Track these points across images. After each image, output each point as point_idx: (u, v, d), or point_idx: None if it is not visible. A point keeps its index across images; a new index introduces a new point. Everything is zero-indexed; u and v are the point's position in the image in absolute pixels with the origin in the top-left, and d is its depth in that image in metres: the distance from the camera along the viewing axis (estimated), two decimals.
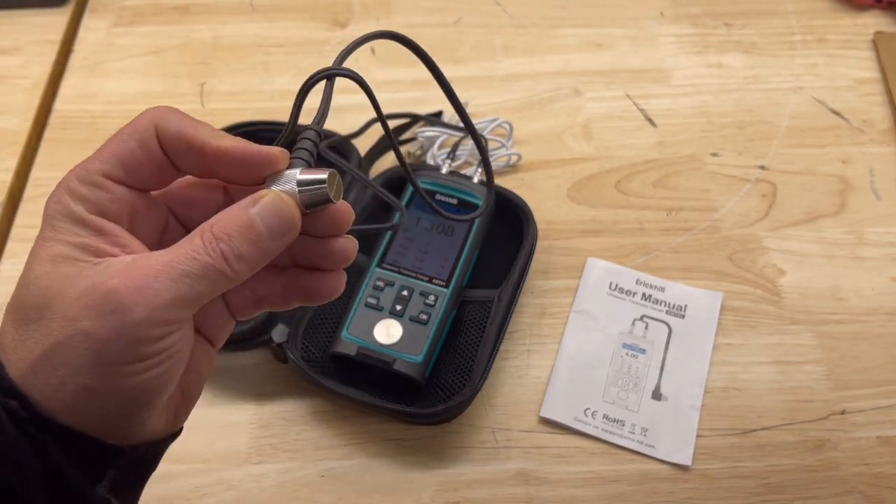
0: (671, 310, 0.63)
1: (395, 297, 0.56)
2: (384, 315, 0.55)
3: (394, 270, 0.57)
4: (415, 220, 0.60)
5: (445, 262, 0.57)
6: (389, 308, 0.55)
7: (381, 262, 0.57)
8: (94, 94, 0.78)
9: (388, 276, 0.57)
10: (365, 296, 0.56)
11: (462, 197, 0.61)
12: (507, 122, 0.73)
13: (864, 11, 0.84)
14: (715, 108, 0.77)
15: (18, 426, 0.28)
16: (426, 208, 0.57)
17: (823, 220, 0.69)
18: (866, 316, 0.63)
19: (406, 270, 0.57)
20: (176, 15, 0.85)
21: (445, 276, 0.57)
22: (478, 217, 0.52)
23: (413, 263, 0.57)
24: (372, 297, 0.55)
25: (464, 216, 0.50)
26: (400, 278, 0.57)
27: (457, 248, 0.58)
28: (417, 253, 0.58)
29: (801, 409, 0.58)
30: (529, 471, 0.56)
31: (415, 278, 0.57)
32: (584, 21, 0.84)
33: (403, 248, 0.58)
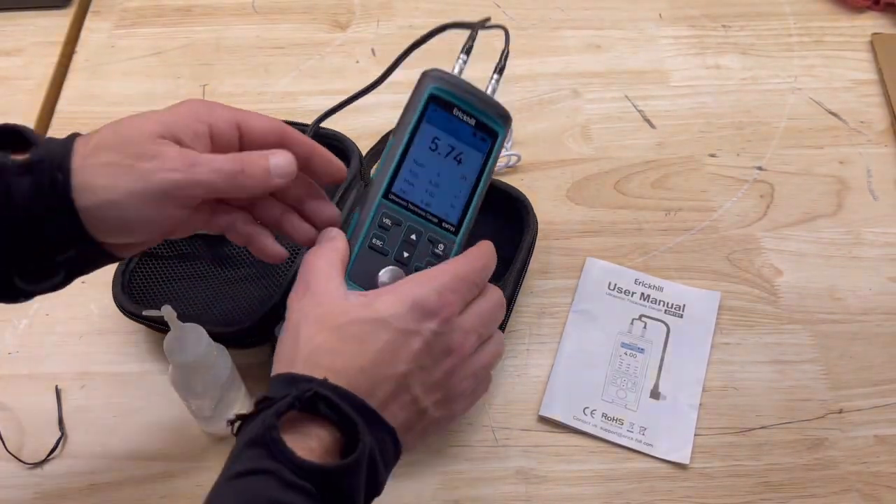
0: (669, 309, 0.63)
1: (402, 240, 0.48)
2: (389, 261, 0.48)
3: (401, 206, 0.48)
4: (428, 138, 0.49)
5: (456, 200, 0.50)
6: (395, 254, 0.48)
7: (388, 191, 0.48)
8: (97, 96, 0.78)
9: (395, 212, 0.48)
10: (370, 235, 0.47)
11: (481, 119, 0.51)
12: None
13: (862, 13, 0.85)
14: (713, 110, 0.77)
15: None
16: (444, 124, 0.49)
17: (821, 220, 0.69)
18: (863, 315, 0.63)
19: (414, 207, 0.49)
20: (178, 17, 0.85)
21: (455, 219, 0.50)
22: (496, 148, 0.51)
23: (422, 198, 0.49)
24: (377, 238, 0.48)
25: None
26: (408, 217, 0.49)
27: (469, 183, 0.50)
28: (427, 185, 0.49)
29: (799, 409, 0.59)
30: (529, 469, 0.56)
31: (424, 219, 0.49)
32: (583, 23, 0.84)
33: (413, 174, 0.49)
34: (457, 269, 0.43)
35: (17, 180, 0.38)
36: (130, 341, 0.62)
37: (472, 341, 0.43)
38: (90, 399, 0.60)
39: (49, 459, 0.57)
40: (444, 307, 0.41)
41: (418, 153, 0.49)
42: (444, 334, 0.42)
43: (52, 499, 0.56)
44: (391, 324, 0.40)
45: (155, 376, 0.61)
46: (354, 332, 0.40)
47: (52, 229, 0.39)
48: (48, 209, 0.38)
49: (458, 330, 0.42)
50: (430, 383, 0.42)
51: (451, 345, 0.42)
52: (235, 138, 0.44)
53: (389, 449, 0.40)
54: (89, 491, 0.56)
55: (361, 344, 0.40)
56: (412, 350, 0.41)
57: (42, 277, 0.41)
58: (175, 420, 0.59)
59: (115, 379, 0.61)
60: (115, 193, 0.39)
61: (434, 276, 0.42)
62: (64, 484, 0.56)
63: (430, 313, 0.41)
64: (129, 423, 0.59)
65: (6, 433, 0.58)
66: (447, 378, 0.42)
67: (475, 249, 0.46)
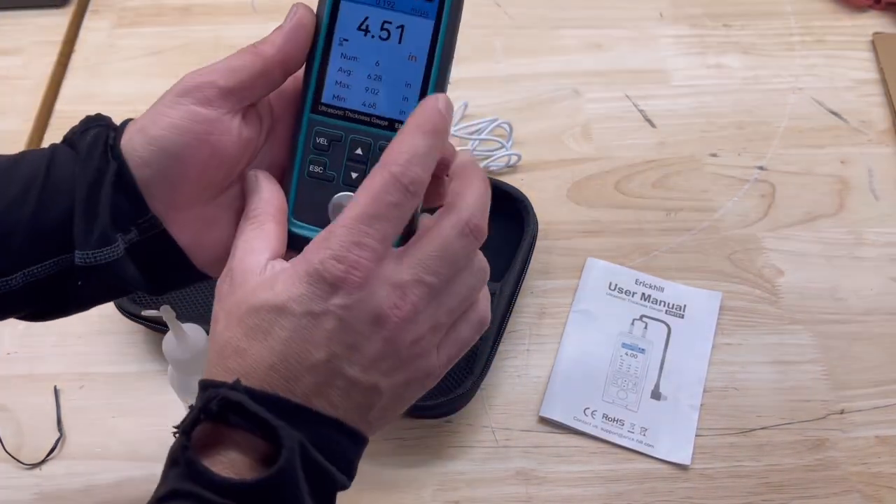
0: (670, 310, 0.63)
1: (347, 158, 0.39)
2: (336, 186, 0.39)
3: (337, 116, 0.38)
4: (354, 21, 0.38)
5: (408, 90, 0.38)
6: (343, 177, 0.39)
7: (315, 103, 0.38)
8: (96, 95, 0.78)
9: (331, 126, 0.38)
10: (306, 161, 0.39)
11: None
12: (507, 123, 0.73)
13: (863, 12, 0.84)
14: (714, 109, 0.77)
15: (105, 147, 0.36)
16: (370, 0, 0.38)
17: (822, 220, 0.69)
18: (865, 316, 0.63)
19: (355, 114, 0.38)
20: (177, 16, 0.85)
21: (411, 108, 0.37)
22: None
23: (363, 99, 0.39)
24: (315, 164, 0.39)
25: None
26: (349, 129, 0.39)
27: (421, 63, 0.38)
28: (367, 81, 0.38)
29: (800, 409, 0.59)
30: (529, 470, 0.56)
31: (369, 125, 0.38)
32: (583, 22, 0.84)
33: (344, 73, 0.38)
34: (356, 209, 0.33)
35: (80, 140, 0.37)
36: (129, 342, 0.62)
37: (416, 293, 0.34)
38: (89, 399, 0.60)
39: (48, 460, 0.57)
40: (349, 271, 0.32)
41: (345, 44, 0.38)
42: (363, 301, 0.33)
43: (50, 499, 0.55)
44: (292, 309, 0.33)
45: (154, 377, 0.60)
46: (257, 324, 0.33)
47: (107, 185, 0.36)
48: (101, 164, 0.36)
49: (383, 287, 0.33)
50: (368, 359, 0.34)
51: (377, 311, 0.33)
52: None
53: (339, 440, 0.34)
54: (88, 492, 0.55)
55: (266, 337, 0.33)
56: (325, 333, 0.33)
57: (102, 244, 0.36)
58: (174, 421, 0.58)
59: (114, 379, 0.61)
60: (153, 126, 0.36)
61: (332, 231, 0.33)
62: (62, 484, 0.56)
63: (332, 284, 0.33)
64: (128, 423, 0.58)
65: (5, 434, 0.58)
66: (389, 345, 0.34)
67: (392, 146, 0.34)
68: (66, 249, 0.36)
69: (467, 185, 0.36)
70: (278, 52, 0.37)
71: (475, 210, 0.35)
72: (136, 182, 0.36)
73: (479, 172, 0.37)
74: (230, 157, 0.37)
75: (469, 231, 0.35)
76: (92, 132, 0.37)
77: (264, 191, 0.37)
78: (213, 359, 0.35)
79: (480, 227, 0.35)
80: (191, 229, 0.38)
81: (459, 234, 0.35)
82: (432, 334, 0.36)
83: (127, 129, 0.37)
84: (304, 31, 0.37)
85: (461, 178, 0.37)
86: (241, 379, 0.33)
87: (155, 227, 0.37)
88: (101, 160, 0.36)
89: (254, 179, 0.38)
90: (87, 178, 0.36)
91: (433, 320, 0.35)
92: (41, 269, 0.36)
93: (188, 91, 0.36)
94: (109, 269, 0.36)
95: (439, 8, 0.38)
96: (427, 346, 0.36)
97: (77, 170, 0.36)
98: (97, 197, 0.35)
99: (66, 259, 0.36)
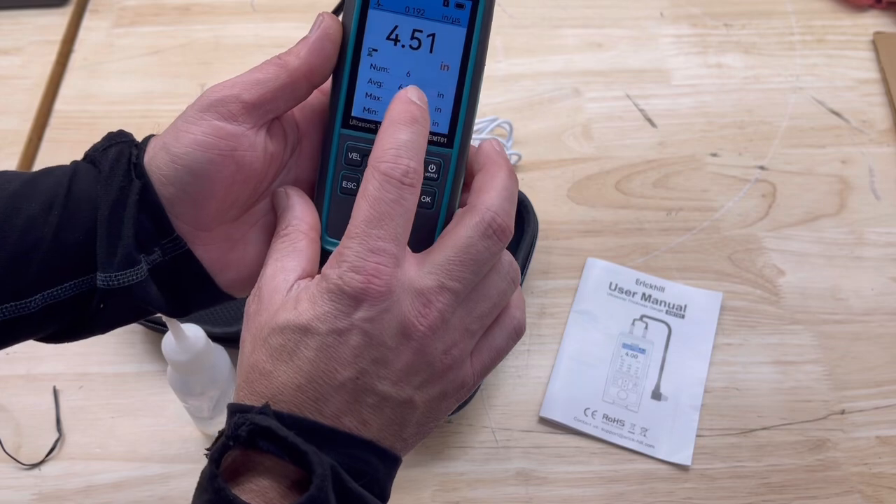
0: (671, 310, 0.63)
1: None
2: None
3: (368, 130, 0.37)
4: (383, 30, 0.37)
5: (441, 100, 0.37)
6: None
7: (346, 117, 0.37)
8: (95, 95, 0.78)
9: (362, 140, 0.37)
10: (338, 177, 0.38)
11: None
12: (507, 122, 0.73)
13: (864, 12, 0.84)
14: (715, 109, 0.77)
15: (129, 165, 0.35)
16: (399, 3, 0.36)
17: (823, 220, 0.69)
18: (866, 316, 0.63)
19: None
20: (176, 15, 0.85)
21: (445, 125, 0.37)
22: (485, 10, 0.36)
23: None
24: (348, 180, 0.37)
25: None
26: None
27: (454, 72, 0.37)
28: (397, 91, 0.36)
29: (801, 409, 0.59)
30: (529, 471, 0.56)
31: None
32: (584, 21, 0.84)
33: (374, 85, 0.37)
34: (360, 217, 0.32)
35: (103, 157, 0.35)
36: (128, 342, 0.62)
37: (441, 300, 0.33)
38: (88, 400, 0.60)
39: (47, 460, 0.57)
40: (370, 280, 0.31)
41: (374, 54, 0.37)
42: (387, 312, 0.32)
43: (49, 500, 0.55)
44: (316, 328, 0.32)
45: (153, 377, 0.60)
46: (282, 345, 0.33)
47: (130, 205, 0.34)
48: (124, 183, 0.34)
49: (406, 295, 0.32)
50: (398, 373, 0.33)
51: (403, 320, 0.32)
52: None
53: (372, 461, 0.33)
54: (87, 492, 0.55)
55: (291, 358, 0.32)
56: (351, 349, 0.32)
57: (125, 266, 0.34)
58: (173, 421, 0.58)
59: (113, 379, 0.61)
60: (176, 143, 0.35)
61: (343, 245, 0.32)
62: (61, 485, 0.56)
63: (355, 297, 0.32)
64: (127, 424, 0.58)
65: (4, 434, 0.58)
66: (420, 357, 0.33)
67: (375, 146, 0.33)
68: (87, 270, 0.35)
69: (490, 180, 0.35)
70: (303, 64, 0.35)
71: (499, 209, 0.34)
72: (160, 201, 0.35)
73: (505, 164, 0.35)
74: (256, 173, 0.36)
75: (493, 232, 0.34)
76: (114, 149, 0.36)
77: (297, 207, 0.36)
78: (241, 383, 0.34)
79: (505, 227, 0.34)
80: (216, 249, 0.37)
81: (482, 235, 0.33)
82: (464, 342, 0.34)
83: (149, 145, 0.35)
84: (330, 41, 0.35)
85: (485, 171, 0.35)
86: (269, 402, 0.32)
87: (179, 247, 0.36)
88: (125, 178, 0.34)
89: (284, 196, 0.37)
90: (111, 197, 0.34)
91: (463, 327, 0.34)
92: (61, 290, 0.35)
93: (211, 105, 0.34)
94: (132, 291, 0.34)
95: (471, 15, 0.36)
96: (460, 354, 0.34)
97: (100, 188, 0.35)
98: (121, 216, 0.34)
99: (87, 281, 0.35)
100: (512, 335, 0.36)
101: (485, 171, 0.35)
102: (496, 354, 0.36)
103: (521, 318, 0.37)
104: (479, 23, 0.36)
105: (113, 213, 0.34)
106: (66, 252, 0.34)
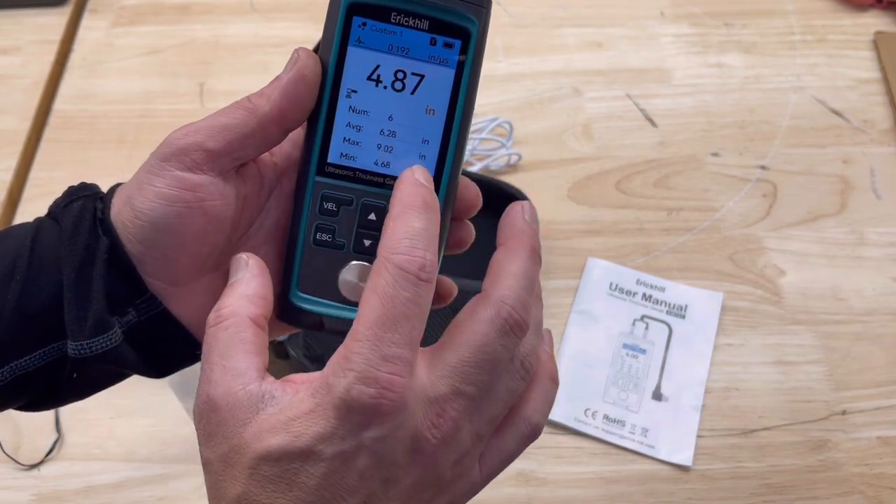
0: (672, 310, 0.63)
1: (358, 224, 0.34)
2: (347, 255, 0.35)
3: (346, 178, 0.34)
4: (364, 70, 0.33)
5: (426, 147, 0.34)
6: (353, 245, 0.35)
7: (321, 163, 0.34)
8: (94, 94, 0.78)
9: (339, 189, 0.34)
10: (312, 227, 0.34)
11: (437, 15, 0.33)
12: (507, 122, 0.73)
13: (865, 11, 0.84)
14: (715, 108, 0.76)
15: (94, 221, 0.32)
16: (382, 41, 0.33)
17: (824, 220, 0.69)
18: (867, 316, 0.63)
19: (366, 175, 0.34)
20: (175, 15, 0.84)
21: (431, 170, 0.34)
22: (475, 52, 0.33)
23: (375, 157, 0.34)
24: (323, 231, 0.34)
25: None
26: (360, 191, 0.34)
27: (440, 116, 0.34)
28: (379, 137, 0.34)
29: (802, 410, 0.58)
30: (529, 471, 0.56)
31: (382, 187, 0.34)
32: (584, 21, 0.84)
33: (353, 129, 0.34)
34: (371, 316, 0.28)
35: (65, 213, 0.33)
36: None
37: (455, 408, 0.29)
38: (87, 400, 0.59)
39: (46, 461, 0.56)
40: (382, 394, 0.27)
41: (354, 96, 0.33)
42: (400, 428, 0.28)
43: (48, 500, 0.55)
44: (320, 453, 0.28)
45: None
46: (277, 475, 0.28)
47: (99, 265, 0.32)
48: (90, 241, 0.32)
49: (418, 406, 0.28)
50: (406, 491, 0.29)
51: (415, 435, 0.29)
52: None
53: None
54: (86, 493, 0.55)
55: (290, 488, 0.28)
56: (358, 473, 0.28)
57: (97, 331, 0.32)
58: (173, 422, 0.58)
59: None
60: (139, 197, 0.32)
61: (350, 349, 0.28)
62: (61, 486, 0.56)
63: (365, 414, 0.27)
64: (127, 424, 0.58)
65: (3, 434, 0.57)
66: (430, 471, 0.30)
67: (386, 234, 0.30)
68: (56, 337, 0.32)
69: (510, 263, 0.31)
70: (274, 109, 0.32)
71: (516, 301, 0.30)
72: (130, 258, 0.32)
73: (528, 242, 0.32)
74: (228, 220, 0.33)
75: (509, 328, 0.30)
76: (77, 204, 0.32)
77: (250, 283, 0.32)
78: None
79: (522, 322, 0.30)
80: (193, 304, 0.33)
81: (500, 332, 0.30)
82: (475, 448, 0.31)
83: (114, 198, 0.32)
84: (305, 84, 0.32)
85: (506, 248, 0.32)
86: None
87: (155, 306, 0.32)
88: (90, 236, 0.32)
89: (242, 264, 0.32)
90: (76, 258, 0.31)
91: (474, 433, 0.30)
92: (30, 360, 0.32)
93: (173, 155, 0.31)
94: (106, 357, 0.32)
95: (461, 55, 0.33)
96: (470, 462, 0.31)
97: (63, 249, 0.32)
98: (89, 278, 0.31)
99: (56, 348, 0.32)
100: (523, 441, 0.33)
101: (505, 248, 0.32)
102: (506, 459, 0.33)
103: (538, 422, 0.33)
104: (470, 64, 0.33)
105: (80, 274, 0.31)
106: (31, 319, 0.31)
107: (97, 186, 0.34)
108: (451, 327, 0.30)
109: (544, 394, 0.33)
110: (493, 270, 0.31)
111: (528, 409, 0.32)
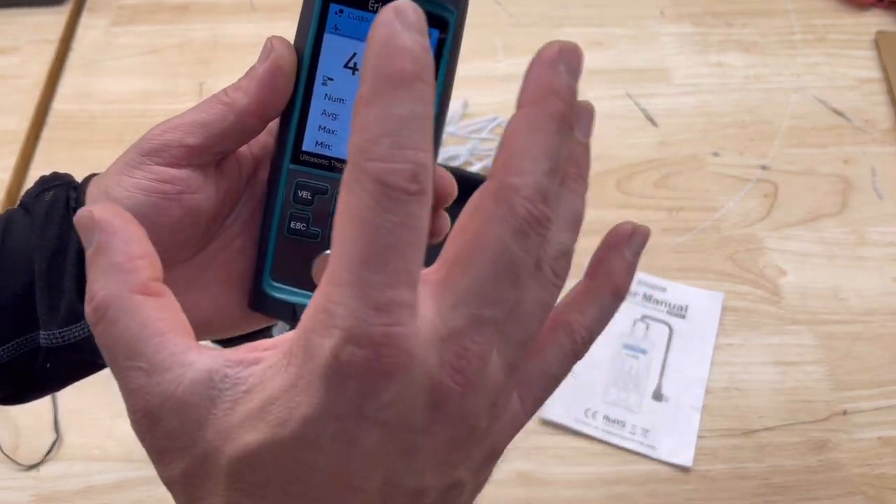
0: (672, 310, 0.63)
1: (332, 211, 0.33)
2: (322, 244, 0.34)
3: (321, 166, 0.33)
4: (340, 57, 0.33)
5: None
6: (329, 233, 0.34)
7: (296, 152, 0.33)
8: (93, 94, 0.78)
9: (314, 177, 0.33)
10: (286, 216, 0.34)
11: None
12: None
13: (866, 11, 0.84)
14: (716, 108, 0.76)
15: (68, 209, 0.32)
16: (358, 28, 0.33)
17: (825, 220, 0.69)
18: (867, 316, 0.63)
19: (341, 164, 0.33)
20: (175, 14, 0.84)
21: None
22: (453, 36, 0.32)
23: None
24: (297, 220, 0.34)
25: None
26: (334, 179, 0.33)
27: None
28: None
29: (803, 410, 0.58)
30: (530, 472, 0.56)
31: None
32: (584, 20, 0.83)
33: (329, 117, 0.33)
34: (350, 250, 0.21)
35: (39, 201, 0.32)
36: None
37: (478, 340, 0.22)
38: (85, 400, 0.59)
39: (45, 461, 0.56)
40: (379, 355, 0.21)
41: (330, 84, 0.33)
42: (409, 387, 0.21)
43: (48, 501, 0.55)
44: (317, 439, 0.21)
45: None
46: (267, 479, 0.22)
47: (71, 254, 0.31)
48: (62, 230, 0.32)
49: (430, 351, 0.22)
50: (435, 457, 0.23)
51: (431, 388, 0.22)
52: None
53: None
54: (86, 493, 0.55)
55: (285, 492, 0.22)
56: (367, 454, 0.22)
57: (69, 321, 0.31)
58: None
59: (110, 380, 0.60)
60: (117, 187, 0.31)
61: (329, 297, 0.21)
62: (60, 486, 0.56)
63: (362, 380, 0.21)
64: (126, 424, 0.58)
65: (2, 435, 0.57)
66: (460, 426, 0.23)
67: (353, 131, 0.21)
68: (28, 328, 0.31)
69: (530, 131, 0.24)
70: (252, 102, 0.31)
71: (534, 189, 0.23)
72: None
73: (557, 101, 0.25)
74: (206, 212, 0.32)
75: (528, 227, 0.22)
76: (49, 193, 0.32)
77: (102, 252, 0.24)
78: None
79: (543, 218, 0.23)
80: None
81: (516, 232, 0.22)
82: (509, 382, 0.24)
83: (90, 188, 0.32)
84: (282, 74, 0.32)
85: (524, 114, 0.25)
86: None
87: None
88: (63, 225, 0.31)
89: (86, 226, 0.25)
90: (48, 248, 0.31)
91: (505, 365, 0.24)
92: (3, 352, 0.31)
93: (153, 151, 0.31)
94: (80, 347, 0.31)
95: (439, 44, 0.32)
96: (505, 401, 0.25)
97: (34, 238, 0.31)
98: (61, 267, 0.31)
99: (29, 339, 0.32)
100: (569, 356, 0.27)
101: (523, 114, 0.24)
102: (551, 382, 0.27)
103: (584, 337, 0.27)
104: (447, 53, 0.32)
105: (52, 263, 0.31)
106: (2, 310, 0.31)
107: (71, 176, 0.34)
108: (454, 235, 0.23)
109: (599, 308, 0.27)
110: (505, 146, 0.24)
111: (571, 317, 0.27)
